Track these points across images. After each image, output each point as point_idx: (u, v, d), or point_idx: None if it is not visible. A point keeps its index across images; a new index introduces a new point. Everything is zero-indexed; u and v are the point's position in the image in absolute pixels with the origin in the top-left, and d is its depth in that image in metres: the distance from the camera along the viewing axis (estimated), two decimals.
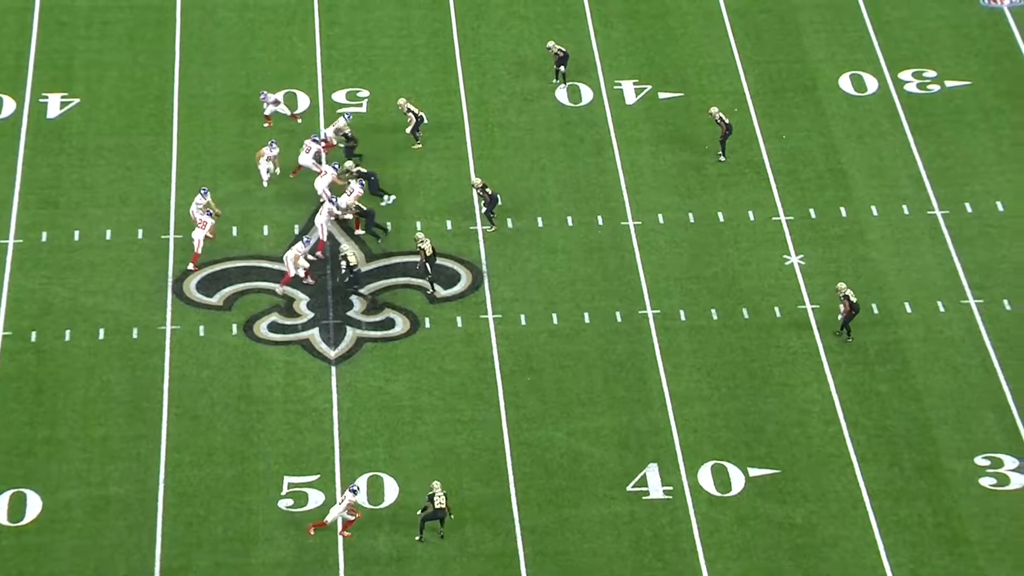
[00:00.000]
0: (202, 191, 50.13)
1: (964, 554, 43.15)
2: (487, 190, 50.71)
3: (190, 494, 44.12)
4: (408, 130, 53.44)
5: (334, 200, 50.43)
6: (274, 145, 51.95)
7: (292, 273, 48.98)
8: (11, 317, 48.29)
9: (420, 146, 53.54)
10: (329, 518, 42.99)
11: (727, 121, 52.45)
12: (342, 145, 52.60)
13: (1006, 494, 44.47)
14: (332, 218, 50.59)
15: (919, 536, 43.47)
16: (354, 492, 43.07)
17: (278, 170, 52.10)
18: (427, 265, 49.03)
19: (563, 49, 55.25)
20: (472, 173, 52.66)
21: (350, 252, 49.10)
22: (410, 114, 53.37)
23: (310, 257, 49.41)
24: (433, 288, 49.15)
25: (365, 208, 50.98)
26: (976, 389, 47.04)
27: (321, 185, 51.08)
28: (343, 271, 48.99)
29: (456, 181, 52.74)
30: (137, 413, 45.98)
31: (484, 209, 50.92)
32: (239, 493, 44.19)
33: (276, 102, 53.85)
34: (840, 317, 47.93)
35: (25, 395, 46.33)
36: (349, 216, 50.97)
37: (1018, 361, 47.76)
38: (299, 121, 53.91)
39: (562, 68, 55.28)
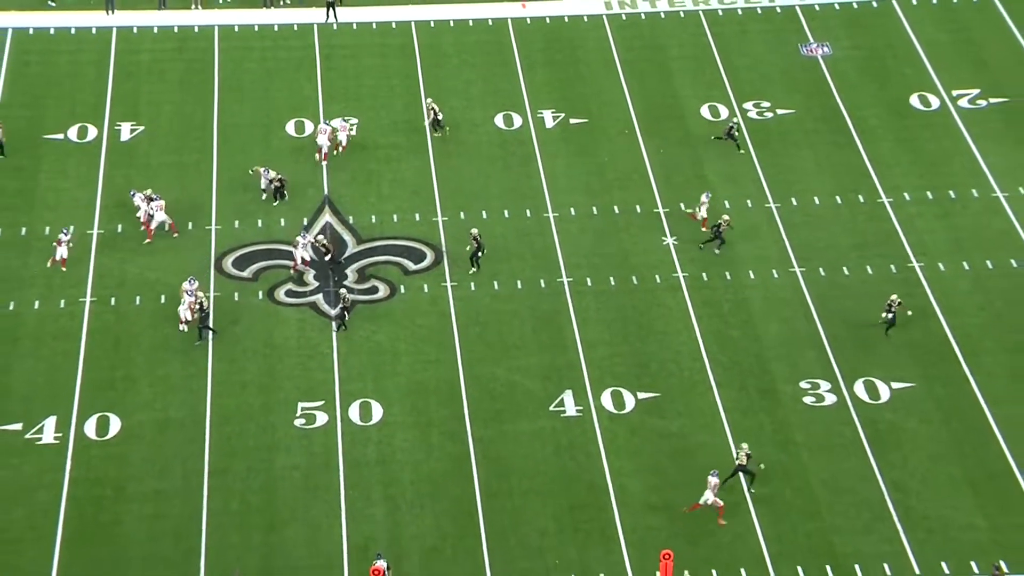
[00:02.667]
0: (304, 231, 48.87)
1: (792, 452, 43.54)
2: (478, 239, 48.24)
3: (229, 416, 44.09)
4: (427, 123, 53.31)
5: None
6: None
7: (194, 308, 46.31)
8: (96, 287, 48.03)
9: (439, 134, 53.51)
10: (702, 501, 40.62)
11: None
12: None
13: (821, 409, 44.81)
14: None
15: (760, 440, 43.68)
16: (715, 475, 40.54)
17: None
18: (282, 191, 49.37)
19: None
20: (434, 179, 52.34)
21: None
22: (431, 112, 53.30)
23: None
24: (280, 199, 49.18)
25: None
26: (800, 334, 47.18)
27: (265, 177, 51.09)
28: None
29: (423, 185, 52.29)
30: (189, 358, 45.81)
31: (471, 253, 48.31)
32: (265, 415, 44.15)
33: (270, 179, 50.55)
34: (889, 317, 46.20)
35: (107, 345, 46.23)
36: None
37: (830, 313, 47.83)
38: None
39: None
